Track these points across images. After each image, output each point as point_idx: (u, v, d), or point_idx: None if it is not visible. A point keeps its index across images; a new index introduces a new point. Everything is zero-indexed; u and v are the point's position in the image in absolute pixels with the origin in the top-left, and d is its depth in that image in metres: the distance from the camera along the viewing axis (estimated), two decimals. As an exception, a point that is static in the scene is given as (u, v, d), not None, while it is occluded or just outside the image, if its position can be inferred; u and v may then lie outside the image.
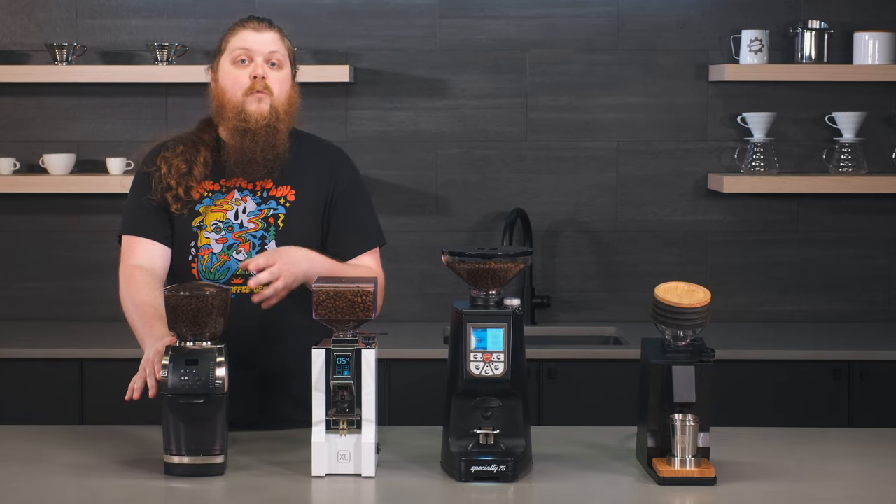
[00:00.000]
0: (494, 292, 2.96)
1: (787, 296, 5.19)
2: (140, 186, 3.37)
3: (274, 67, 3.34)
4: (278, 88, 3.33)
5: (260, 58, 3.32)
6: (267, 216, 3.33)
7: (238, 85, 3.32)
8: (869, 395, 4.62)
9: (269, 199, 3.34)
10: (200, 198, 3.33)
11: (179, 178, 3.31)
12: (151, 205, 3.33)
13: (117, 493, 2.84)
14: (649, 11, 5.14)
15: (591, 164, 5.18)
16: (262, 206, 3.33)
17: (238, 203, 3.33)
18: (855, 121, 5.03)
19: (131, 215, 3.38)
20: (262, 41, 3.34)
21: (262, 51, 3.33)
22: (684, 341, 2.95)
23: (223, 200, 3.33)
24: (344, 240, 3.39)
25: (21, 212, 5.16)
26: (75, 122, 5.15)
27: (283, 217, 3.33)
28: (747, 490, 2.86)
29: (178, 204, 3.31)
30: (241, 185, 3.34)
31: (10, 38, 5.13)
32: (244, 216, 3.32)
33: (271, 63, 3.34)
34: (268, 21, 3.40)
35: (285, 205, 3.34)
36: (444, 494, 2.84)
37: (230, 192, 3.34)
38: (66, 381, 4.63)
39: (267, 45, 3.34)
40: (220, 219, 3.32)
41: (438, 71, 5.15)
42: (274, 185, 3.35)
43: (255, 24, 3.37)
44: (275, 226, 3.32)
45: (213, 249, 3.30)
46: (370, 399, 2.92)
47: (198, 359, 2.92)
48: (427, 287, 5.18)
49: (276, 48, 3.35)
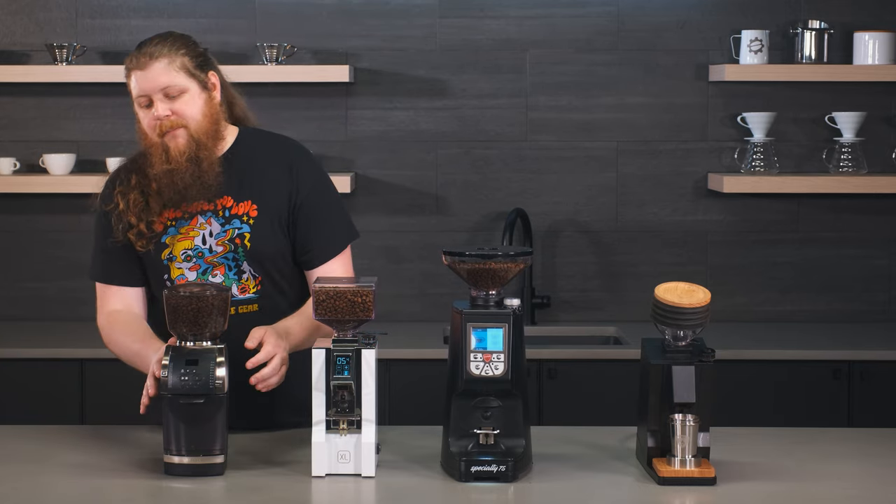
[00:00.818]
0: (494, 292, 2.96)
1: (787, 296, 5.19)
2: (102, 228, 3.31)
3: (174, 98, 3.18)
4: (190, 114, 3.19)
5: (156, 95, 3.18)
6: (233, 237, 3.24)
7: (151, 127, 3.20)
8: (869, 395, 4.62)
9: (231, 218, 3.25)
10: (165, 228, 3.26)
11: (139, 214, 3.23)
12: (116, 247, 3.26)
13: (117, 493, 2.84)
14: (649, 11, 5.14)
15: (591, 164, 5.18)
16: (227, 226, 3.25)
17: (203, 227, 3.25)
18: (855, 121, 5.03)
19: (99, 262, 3.33)
20: (151, 78, 3.17)
21: (154, 88, 3.17)
22: (684, 341, 2.95)
23: (188, 227, 3.25)
24: (311, 248, 3.29)
25: (21, 212, 5.16)
26: (75, 122, 5.15)
27: (248, 236, 3.24)
28: (747, 490, 2.86)
29: (143, 241, 3.24)
30: (203, 207, 3.24)
31: (10, 38, 5.13)
32: (212, 240, 3.25)
33: (170, 95, 3.18)
34: (152, 47, 3.19)
35: (249, 222, 3.24)
36: (444, 494, 2.84)
37: (193, 218, 3.25)
38: (66, 381, 4.63)
39: (157, 81, 3.17)
40: (189, 247, 3.25)
41: (438, 71, 5.15)
42: (234, 202, 3.25)
43: (139, 61, 3.18)
44: (242, 246, 3.24)
45: (188, 278, 3.26)
46: (370, 399, 2.92)
47: (198, 359, 2.92)
48: (427, 287, 5.18)
49: (168, 79, 3.17)
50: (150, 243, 3.25)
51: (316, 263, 3.30)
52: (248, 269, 3.26)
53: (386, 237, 5.17)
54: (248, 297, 3.26)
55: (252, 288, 3.26)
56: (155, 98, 3.19)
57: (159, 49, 3.19)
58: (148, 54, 3.18)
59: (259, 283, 3.27)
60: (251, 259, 3.25)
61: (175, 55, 3.19)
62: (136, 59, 3.19)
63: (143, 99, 3.20)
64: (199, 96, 3.21)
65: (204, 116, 3.22)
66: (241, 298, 3.25)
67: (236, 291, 3.24)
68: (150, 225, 3.24)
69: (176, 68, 3.19)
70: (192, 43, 3.26)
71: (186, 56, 3.21)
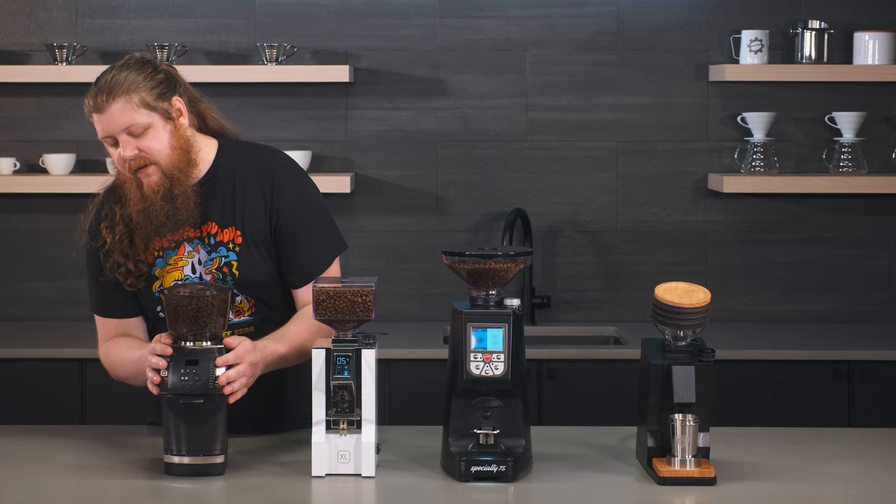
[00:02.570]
0: (494, 292, 2.96)
1: (787, 296, 5.19)
2: (93, 264, 3.24)
3: (139, 136, 3.08)
4: (157, 149, 3.09)
5: (121, 136, 3.08)
6: (220, 266, 3.17)
7: (121, 165, 3.12)
8: (869, 395, 4.62)
9: (217, 245, 3.18)
10: (153, 260, 3.20)
11: (126, 252, 3.16)
12: (109, 283, 3.22)
13: (117, 493, 2.84)
14: (649, 11, 5.14)
15: (591, 164, 5.18)
16: (213, 254, 3.18)
17: (191, 256, 3.19)
18: (855, 121, 5.03)
19: (96, 296, 3.28)
20: (111, 121, 3.07)
21: (116, 130, 3.07)
22: (684, 341, 2.95)
23: (175, 257, 3.19)
24: (295, 269, 3.20)
25: (21, 212, 5.16)
26: (75, 122, 5.15)
27: (235, 264, 3.17)
28: (747, 490, 2.86)
29: (132, 279, 3.18)
30: (188, 234, 3.18)
31: (10, 38, 5.13)
32: (201, 268, 3.18)
33: (133, 133, 3.08)
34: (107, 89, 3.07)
35: (234, 249, 3.17)
36: (444, 494, 2.84)
37: (180, 246, 3.19)
38: (66, 381, 4.63)
39: (117, 123, 3.07)
40: (179, 278, 3.19)
41: (438, 71, 5.15)
42: (219, 228, 3.18)
43: (96, 103, 3.08)
44: (230, 274, 3.17)
45: None
46: (370, 399, 2.92)
47: (198, 359, 2.92)
48: (427, 287, 5.18)
49: (127, 119, 3.06)
50: (140, 282, 3.19)
51: (301, 284, 3.22)
52: (240, 294, 3.20)
53: (386, 237, 5.17)
54: (244, 319, 3.21)
55: (246, 311, 3.21)
56: (119, 138, 3.09)
57: (115, 89, 3.06)
58: (105, 93, 3.06)
59: (253, 305, 3.21)
60: (241, 286, 3.18)
61: (132, 92, 3.07)
62: (93, 99, 3.08)
63: (108, 139, 3.10)
64: (164, 129, 3.11)
65: (173, 149, 3.12)
66: (237, 322, 3.20)
67: (231, 316, 3.16)
68: (138, 263, 3.18)
69: (134, 106, 3.07)
70: (150, 71, 3.12)
71: (144, 90, 3.08)
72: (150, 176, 3.11)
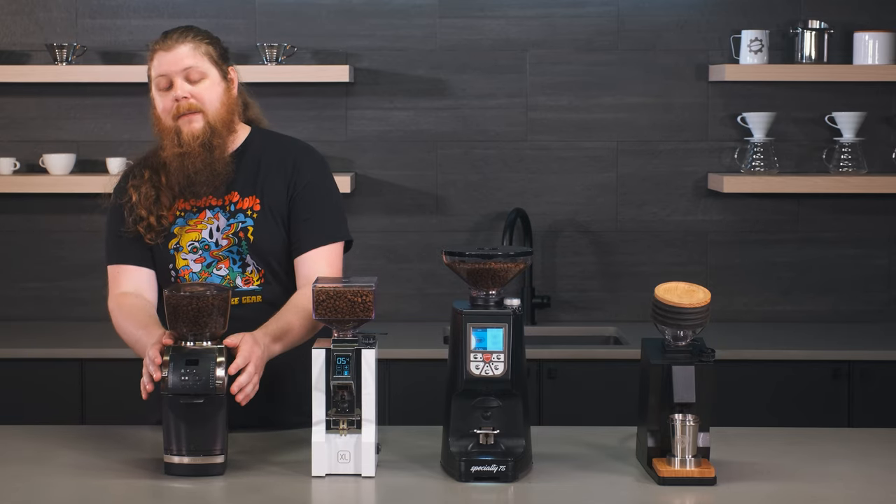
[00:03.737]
0: (494, 292, 2.96)
1: (787, 296, 5.19)
2: (115, 220, 3.36)
3: (196, 81, 3.25)
4: (208, 99, 3.26)
5: (178, 78, 3.24)
6: (237, 231, 3.30)
7: (167, 111, 3.26)
8: (869, 395, 4.62)
9: (237, 212, 3.31)
10: (174, 219, 3.32)
11: (150, 207, 3.29)
12: (129, 236, 3.32)
13: (117, 493, 2.84)
14: (649, 11, 5.14)
15: (591, 164, 5.18)
16: (231, 220, 3.30)
17: (211, 222, 3.31)
18: (855, 121, 5.03)
19: (113, 246, 3.37)
20: (176, 60, 3.24)
21: (177, 70, 3.24)
22: (684, 341, 2.95)
23: (196, 220, 3.32)
24: (298, 233, 3.31)
25: (21, 212, 5.16)
26: (75, 122, 5.15)
27: (251, 230, 3.30)
28: (747, 490, 2.86)
29: (152, 234, 3.30)
30: (212, 202, 3.31)
31: (10, 38, 5.13)
32: (218, 234, 3.31)
33: (191, 79, 3.25)
34: (179, 32, 3.28)
35: (252, 216, 3.30)
36: (444, 494, 2.84)
37: (202, 212, 3.32)
38: (66, 381, 4.63)
39: (181, 62, 3.24)
40: (196, 238, 3.31)
41: (438, 71, 5.15)
42: (240, 196, 3.32)
43: (166, 44, 3.26)
44: (245, 240, 3.30)
45: (192, 269, 3.30)
46: (370, 399, 2.92)
47: (198, 359, 2.92)
48: (427, 287, 5.18)
49: (192, 61, 3.24)
50: (160, 237, 3.30)
51: (301, 250, 3.30)
52: (251, 262, 3.30)
53: (386, 237, 5.17)
54: (252, 288, 3.31)
55: (256, 280, 3.31)
56: (176, 79, 3.24)
57: (185, 34, 3.27)
58: (178, 34, 3.27)
59: (262, 275, 3.31)
60: (254, 252, 3.29)
61: (200, 42, 3.27)
62: (162, 40, 3.27)
63: (164, 80, 3.25)
64: (218, 84, 3.28)
65: (221, 105, 3.28)
66: (246, 290, 3.30)
67: (240, 283, 3.29)
68: (160, 219, 3.30)
69: (200, 53, 3.26)
70: (217, 37, 3.35)
71: (211, 45, 3.29)
72: (193, 123, 3.25)
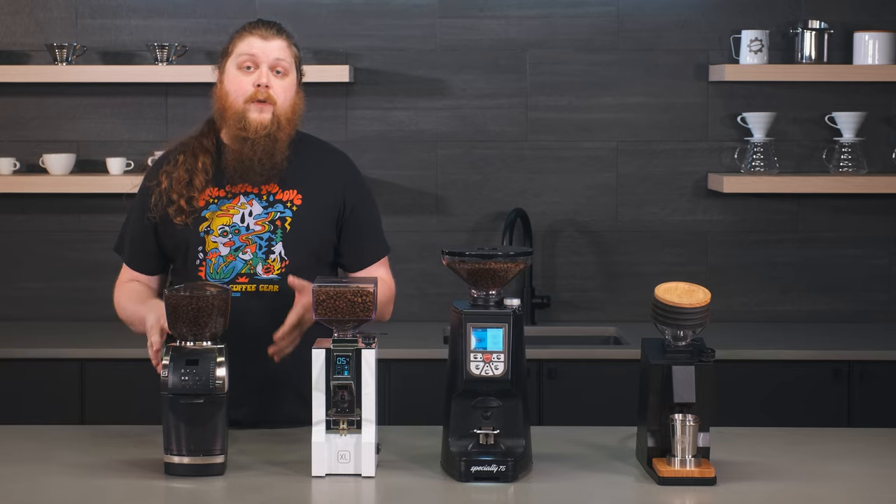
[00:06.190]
0: (494, 292, 2.96)
1: (787, 296, 5.19)
2: (142, 201, 3.41)
3: (279, 75, 3.34)
4: (283, 96, 3.34)
5: (265, 65, 3.33)
6: (274, 219, 3.34)
7: (241, 91, 3.32)
8: (869, 395, 4.62)
9: (275, 202, 3.36)
10: (206, 204, 3.35)
11: (181, 191, 3.33)
12: (147, 234, 3.38)
13: (117, 493, 2.84)
14: (649, 11, 5.14)
15: (590, 164, 5.18)
16: (269, 209, 3.35)
17: (244, 207, 3.35)
18: (855, 121, 5.03)
19: (128, 243, 3.45)
20: (269, 49, 3.34)
21: (267, 58, 3.33)
22: (684, 341, 2.95)
23: (229, 205, 3.36)
24: (358, 252, 3.45)
25: (21, 212, 5.16)
26: (75, 122, 5.15)
27: (290, 220, 3.35)
28: (747, 490, 2.86)
29: (182, 216, 3.33)
30: (247, 189, 3.36)
31: (10, 38, 5.13)
32: (250, 219, 3.35)
33: (276, 71, 3.33)
34: (276, 27, 3.39)
35: (292, 208, 3.36)
36: (444, 494, 2.84)
37: (236, 198, 3.36)
38: (66, 381, 4.63)
39: (273, 53, 3.34)
40: (227, 223, 3.34)
41: (438, 71, 5.15)
42: (280, 189, 3.36)
43: (263, 31, 3.36)
44: (282, 228, 3.34)
45: (220, 252, 3.33)
46: (370, 399, 2.92)
47: (198, 359, 2.92)
48: (427, 287, 5.18)
49: (283, 56, 3.35)
50: (189, 218, 3.33)
51: (363, 265, 3.46)
52: (278, 250, 3.33)
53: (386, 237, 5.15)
54: (271, 277, 3.33)
55: (276, 270, 3.33)
56: (263, 66, 3.32)
57: (282, 30, 3.39)
58: (273, 30, 3.37)
59: (285, 266, 3.33)
60: (287, 242, 3.33)
61: (291, 44, 3.39)
62: (259, 27, 3.37)
63: (249, 59, 3.33)
64: (293, 85, 3.38)
65: (291, 105, 3.36)
66: (265, 278, 3.33)
67: (260, 271, 3.32)
68: (191, 201, 3.33)
69: (291, 52, 3.38)
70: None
71: (297, 49, 3.42)
72: (264, 113, 3.32)
